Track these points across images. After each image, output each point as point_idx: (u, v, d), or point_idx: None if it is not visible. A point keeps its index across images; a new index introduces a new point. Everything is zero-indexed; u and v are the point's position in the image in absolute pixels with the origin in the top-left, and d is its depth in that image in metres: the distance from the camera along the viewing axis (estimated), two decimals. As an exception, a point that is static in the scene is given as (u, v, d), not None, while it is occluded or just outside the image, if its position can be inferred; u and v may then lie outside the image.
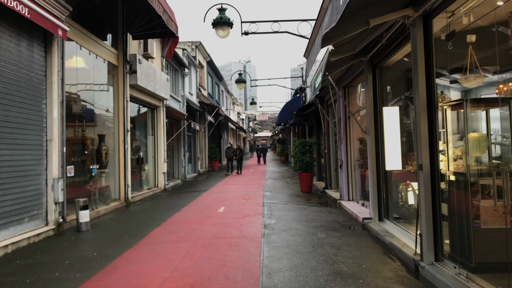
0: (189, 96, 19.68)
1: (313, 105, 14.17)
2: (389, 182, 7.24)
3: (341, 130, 10.14)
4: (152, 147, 14.35)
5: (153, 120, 14.43)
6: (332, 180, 12.73)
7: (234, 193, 12.26)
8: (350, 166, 9.96)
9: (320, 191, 12.90)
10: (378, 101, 7.32)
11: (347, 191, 9.99)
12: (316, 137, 15.35)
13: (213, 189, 13.84)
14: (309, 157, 12.85)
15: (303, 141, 12.98)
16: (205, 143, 24.91)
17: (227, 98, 38.96)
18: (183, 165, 18.06)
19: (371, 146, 7.44)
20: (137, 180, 12.96)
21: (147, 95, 12.89)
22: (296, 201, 10.50)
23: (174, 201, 11.05)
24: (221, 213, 8.60)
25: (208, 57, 25.21)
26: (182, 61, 17.50)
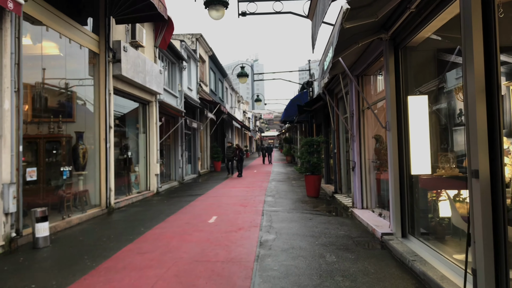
0: (188, 91, 18.38)
1: (321, 100, 12.76)
2: (415, 189, 5.83)
3: (353, 127, 8.73)
4: (143, 147, 13.06)
5: (144, 117, 13.14)
6: (342, 183, 11.32)
7: (231, 198, 10.91)
8: (364, 169, 8.55)
9: (329, 196, 11.49)
10: (401, 89, 5.91)
11: (361, 197, 8.58)
12: (325, 135, 13.93)
13: (209, 193, 12.50)
14: (316, 157, 11.45)
15: (310, 139, 11.58)
16: (207, 142, 23.60)
17: (232, 95, 37.63)
18: (180, 165, 16.77)
19: (392, 145, 6.03)
20: (125, 183, 11.68)
21: (136, 88, 11.59)
22: (301, 209, 9.11)
23: (163, 208, 9.73)
24: (211, 225, 7.25)
25: (210, 51, 23.88)
26: (179, 54, 16.20)
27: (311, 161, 11.33)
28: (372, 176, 8.49)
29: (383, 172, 7.83)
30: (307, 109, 13.73)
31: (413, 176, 5.76)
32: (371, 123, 8.52)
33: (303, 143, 11.61)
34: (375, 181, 8.46)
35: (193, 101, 18.99)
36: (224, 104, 30.50)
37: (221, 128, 30.00)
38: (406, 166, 5.85)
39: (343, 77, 9.34)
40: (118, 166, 11.47)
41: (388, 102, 6.11)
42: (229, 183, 15.60)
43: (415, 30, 5.22)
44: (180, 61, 16.95)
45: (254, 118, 68.65)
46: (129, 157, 11.92)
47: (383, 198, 8.04)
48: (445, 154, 5.68)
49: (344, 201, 9.75)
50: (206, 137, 23.58)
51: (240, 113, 44.14)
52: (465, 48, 3.30)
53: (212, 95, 25.25)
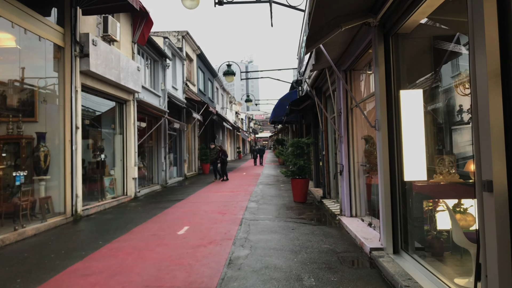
0: (172, 91, 17.55)
1: (309, 99, 11.99)
2: (409, 198, 5.06)
3: (341, 126, 7.96)
4: (120, 149, 12.22)
5: (121, 117, 12.30)
6: (331, 187, 10.54)
7: (211, 205, 10.09)
8: (353, 172, 7.78)
9: (317, 201, 10.70)
10: (392, 83, 5.14)
11: (349, 204, 7.80)
12: (314, 136, 13.16)
13: (190, 198, 11.67)
14: (303, 160, 10.67)
15: (296, 141, 10.80)
16: (195, 143, 22.76)
17: (223, 96, 36.80)
18: (163, 168, 15.92)
19: (382, 147, 5.25)
20: (98, 188, 10.82)
21: (110, 86, 10.75)
22: (284, 216, 8.32)
23: (135, 215, 8.89)
24: (179, 237, 6.43)
25: (198, 49, 23.06)
26: (161, 51, 15.37)
27: (298, 164, 10.54)
28: (361, 181, 7.71)
29: (373, 176, 7.06)
30: (294, 108, 12.96)
31: (406, 183, 4.99)
32: (360, 123, 7.76)
33: (289, 144, 10.83)
34: (364, 187, 7.69)
35: (179, 101, 18.16)
36: (214, 104, 29.69)
37: (211, 129, 29.17)
38: (398, 171, 5.08)
39: (330, 73, 8.58)
40: (91, 169, 10.63)
41: (378, 97, 5.34)
42: (214, 187, 14.77)
43: (407, 13, 4.45)
44: (163, 59, 16.12)
45: (248, 120, 67.84)
46: (103, 159, 11.06)
47: (373, 205, 7.27)
48: (442, 157, 4.92)
49: (332, 208, 8.97)
50: (194, 138, 22.74)
51: (232, 114, 43.33)
52: (473, 19, 2.52)
53: (201, 95, 24.43)
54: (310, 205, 10.07)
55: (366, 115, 5.98)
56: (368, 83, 7.52)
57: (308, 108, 13.97)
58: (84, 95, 9.96)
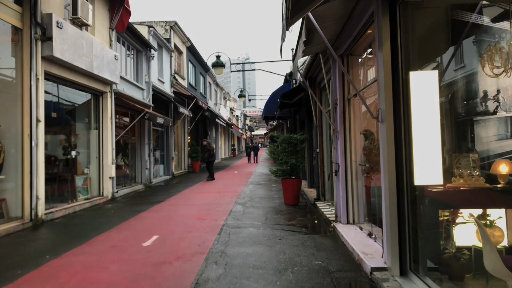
0: (158, 84, 16.48)
1: (302, 91, 10.97)
2: (420, 206, 4.06)
3: (337, 120, 6.95)
4: (96, 145, 11.16)
5: (97, 110, 11.23)
6: (326, 189, 9.55)
7: (192, 208, 9.07)
8: (350, 173, 6.78)
9: (310, 203, 9.71)
10: (400, 63, 4.13)
11: (345, 209, 6.80)
12: (308, 132, 12.16)
13: (171, 200, 10.64)
14: (295, 158, 9.66)
15: (287, 137, 9.78)
16: (184, 140, 21.70)
17: (217, 92, 35.71)
18: (147, 166, 14.87)
19: (387, 143, 4.25)
20: (68, 188, 9.77)
21: (82, 76, 9.68)
22: (272, 222, 7.31)
23: (104, 220, 7.86)
24: (143, 250, 5.41)
25: (188, 41, 21.97)
26: (145, 40, 14.29)
27: (289, 163, 9.54)
28: (360, 182, 6.71)
29: (374, 177, 6.07)
30: (286, 101, 11.93)
31: (416, 188, 3.99)
32: (359, 115, 6.75)
33: (280, 141, 9.81)
34: (363, 189, 6.69)
35: (165, 95, 17.10)
36: (206, 100, 28.63)
37: (203, 125, 28.12)
38: (406, 172, 4.08)
39: (325, 60, 7.57)
40: (60, 168, 9.59)
41: (381, 82, 4.33)
42: (200, 187, 13.74)
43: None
44: (147, 49, 15.04)
45: (243, 117, 66.75)
46: (73, 157, 10.01)
47: (373, 210, 6.28)
48: (464, 156, 3.92)
49: (327, 212, 7.97)
50: (184, 134, 21.69)
51: (227, 110, 42.26)
52: None
53: (192, 89, 23.35)
54: (302, 208, 9.07)
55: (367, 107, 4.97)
56: (368, 70, 6.51)
57: (302, 102, 12.96)
58: (50, 84, 8.91)
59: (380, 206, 5.65)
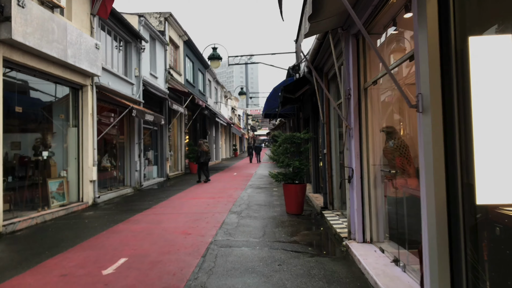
0: (150, 79, 15.23)
1: (307, 83, 9.67)
2: (483, 235, 2.77)
3: (350, 115, 5.67)
4: (74, 145, 9.92)
5: (76, 106, 9.99)
6: (334, 195, 8.26)
7: (179, 218, 7.81)
8: (367, 179, 5.49)
9: (317, 212, 8.43)
10: (452, 27, 2.85)
11: (361, 224, 5.52)
12: (313, 131, 10.87)
13: (157, 206, 9.38)
14: (299, 160, 8.37)
15: (290, 135, 8.48)
16: (181, 140, 20.46)
17: (217, 90, 34.45)
18: (137, 168, 13.62)
19: (432, 142, 2.96)
20: (38, 194, 8.54)
21: (54, 65, 8.43)
22: (271, 238, 6.03)
23: (72, 233, 6.61)
24: (100, 281, 4.15)
25: (184, 35, 20.71)
26: (134, 30, 13.04)
27: (292, 165, 8.25)
28: (379, 191, 5.43)
29: (399, 184, 4.79)
30: (289, 96, 10.63)
31: (478, 208, 2.71)
32: (378, 108, 5.47)
33: (281, 140, 8.52)
34: (383, 199, 5.41)
35: (158, 91, 15.85)
36: (205, 98, 27.38)
37: (202, 125, 26.88)
38: (462, 185, 2.80)
39: (335, 42, 6.29)
40: (28, 171, 8.36)
41: (423, 56, 3.04)
42: (194, 190, 12.47)
43: None
44: (137, 41, 13.79)
45: (246, 116, 65.45)
46: (45, 158, 8.76)
47: (396, 226, 5.00)
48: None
49: (337, 225, 6.69)
50: (181, 134, 20.45)
51: (228, 109, 41.01)
52: None
53: (189, 86, 22.10)
54: (307, 218, 7.79)
55: (402, 91, 3.68)
56: (391, 53, 5.22)
57: (306, 97, 11.67)
58: (14, 74, 7.67)
59: (407, 223, 4.38)
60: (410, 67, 4.44)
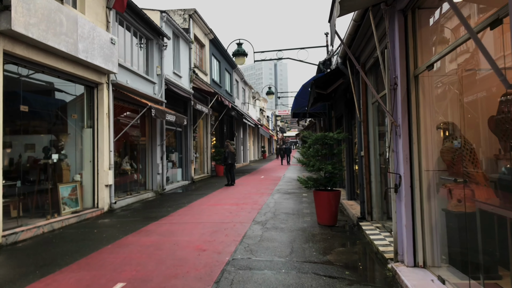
0: (173, 78, 14.57)
1: (340, 77, 8.62)
2: None
3: (397, 109, 4.61)
4: (89, 147, 9.31)
5: (91, 105, 9.38)
6: (373, 204, 7.17)
7: (196, 228, 6.96)
8: (419, 188, 4.43)
9: (352, 223, 7.38)
10: None
11: (412, 243, 4.45)
12: (347, 131, 9.79)
13: (175, 214, 8.59)
14: (332, 163, 7.34)
15: (321, 136, 7.46)
16: (207, 141, 19.77)
17: (245, 90, 33.68)
18: (159, 171, 12.95)
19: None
20: (47, 200, 7.94)
21: (64, 61, 7.81)
22: (301, 257, 5.06)
23: (75, 246, 5.89)
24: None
25: (210, 33, 20.03)
26: (155, 26, 12.38)
27: (324, 169, 7.23)
28: (435, 203, 4.35)
29: (462, 196, 3.72)
30: (320, 92, 9.59)
31: None
32: (431, 100, 4.40)
33: (311, 141, 7.52)
34: (440, 214, 4.32)
35: (182, 90, 15.17)
36: (232, 99, 26.65)
37: (229, 126, 26.17)
38: None
39: (376, 22, 5.25)
40: (36, 175, 7.78)
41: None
42: (217, 195, 11.64)
43: None
44: (159, 38, 13.15)
45: (274, 117, 64.46)
46: (55, 161, 8.16)
47: (462, 248, 3.92)
48: None
49: (378, 240, 5.62)
50: (206, 135, 19.76)
51: (256, 110, 40.18)
52: None
53: (215, 86, 21.39)
54: (342, 231, 6.75)
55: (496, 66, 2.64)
56: (451, 30, 4.13)
57: (339, 93, 10.59)
58: (18, 70, 7.09)
59: (477, 242, 3.31)
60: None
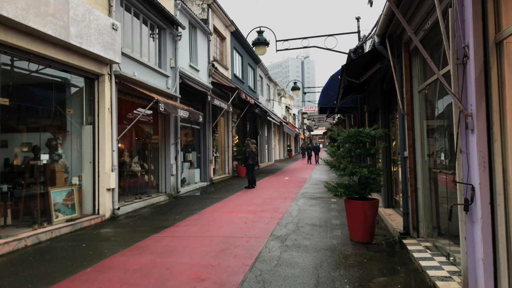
0: (190, 71, 13.47)
1: (378, 61, 7.19)
2: None
3: (468, 91, 3.22)
4: (89, 146, 8.30)
5: (91, 99, 8.37)
6: (420, 217, 5.74)
7: (201, 246, 5.75)
8: (506, 207, 3.02)
9: (393, 239, 5.98)
10: None
11: (493, 285, 3.06)
12: (384, 127, 8.33)
13: (181, 224, 7.43)
14: (368, 166, 5.95)
15: (354, 132, 6.06)
16: (228, 140, 18.63)
17: (270, 87, 32.37)
18: (173, 172, 11.87)
19: None
20: (36, 207, 6.95)
21: (55, 48, 6.79)
22: (328, 295, 3.75)
23: (48, 267, 4.81)
24: None
25: (231, 25, 18.85)
26: (168, 15, 11.28)
27: (357, 174, 5.85)
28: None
29: None
30: (351, 80, 8.17)
31: None
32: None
33: (341, 138, 6.15)
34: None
35: (200, 85, 14.05)
36: (256, 95, 25.41)
37: (253, 124, 24.95)
38: None
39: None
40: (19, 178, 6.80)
41: None
42: (234, 200, 10.43)
43: None
44: (173, 27, 12.06)
45: (301, 115, 62.73)
46: (44, 162, 7.15)
47: None
48: None
49: (432, 270, 4.22)
50: (227, 133, 18.62)
51: (282, 108, 38.76)
52: None
53: (237, 82, 20.22)
54: (380, 251, 5.38)
55: None
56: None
57: (374, 84, 9.15)
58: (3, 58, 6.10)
59: None
60: None
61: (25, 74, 6.99)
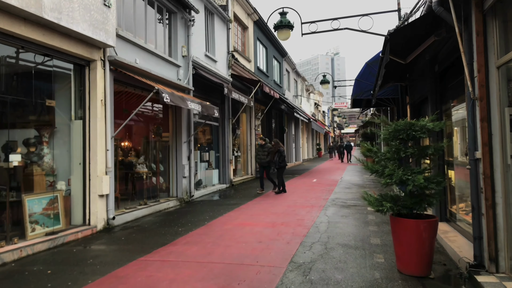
0: (206, 61, 12.10)
1: (433, 32, 5.49)
2: None
3: None
4: (79, 144, 7.04)
5: (81, 89, 7.11)
6: (499, 244, 4.06)
7: (197, 276, 4.31)
8: None
9: (459, 273, 4.32)
10: None
11: None
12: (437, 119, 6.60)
13: (180, 242, 6.02)
14: (422, 171, 4.31)
15: (404, 126, 4.42)
16: (251, 138, 17.18)
17: (297, 82, 30.68)
18: (185, 174, 10.53)
19: None
20: (4, 220, 5.72)
21: (26, 25, 5.52)
22: None
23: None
24: None
25: (254, 13, 17.37)
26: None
27: (409, 182, 4.22)
28: None
29: None
30: (395, 59, 6.46)
31: None
32: None
33: (386, 133, 4.54)
34: None
35: (217, 77, 12.66)
36: (282, 91, 23.84)
37: (279, 121, 23.40)
38: None
39: None
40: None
41: None
42: (252, 208, 8.95)
43: None
44: (185, 11, 10.70)
45: (331, 112, 60.41)
46: (16, 165, 5.91)
47: None
48: None
49: None
50: (250, 131, 17.17)
51: (310, 105, 36.93)
52: None
53: (261, 75, 18.72)
54: (445, 293, 3.75)
55: None
56: None
57: (420, 67, 7.43)
58: None
59: None
60: None
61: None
